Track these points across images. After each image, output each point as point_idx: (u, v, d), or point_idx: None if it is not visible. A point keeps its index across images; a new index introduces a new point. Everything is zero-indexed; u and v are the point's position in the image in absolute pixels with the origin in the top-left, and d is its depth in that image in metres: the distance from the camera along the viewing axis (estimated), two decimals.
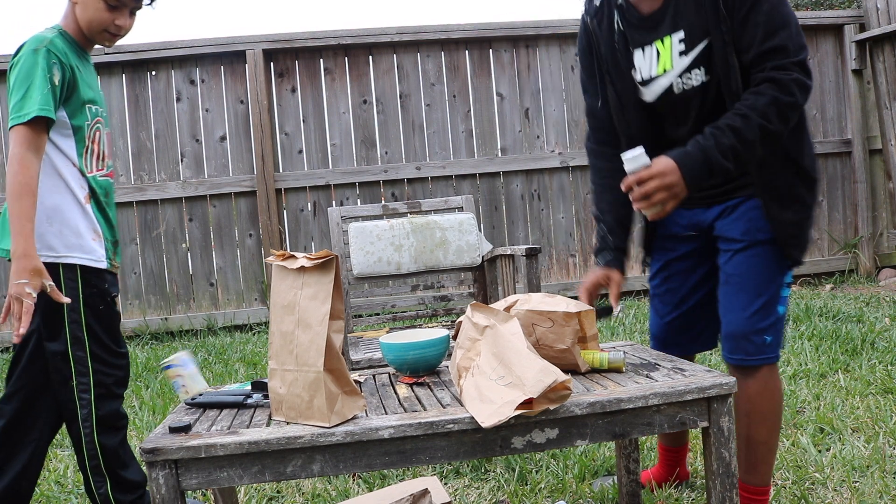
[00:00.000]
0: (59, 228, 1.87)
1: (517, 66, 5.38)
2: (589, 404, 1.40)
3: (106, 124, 2.02)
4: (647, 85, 1.76)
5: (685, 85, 1.70)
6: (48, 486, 2.42)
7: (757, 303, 1.71)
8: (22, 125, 1.77)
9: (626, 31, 1.76)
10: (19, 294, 1.72)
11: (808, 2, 9.22)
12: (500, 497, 2.14)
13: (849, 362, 3.22)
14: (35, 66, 1.78)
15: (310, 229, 5.20)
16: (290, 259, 1.46)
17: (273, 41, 5.07)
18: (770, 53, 1.57)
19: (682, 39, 1.66)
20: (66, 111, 1.87)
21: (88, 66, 1.99)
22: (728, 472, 1.48)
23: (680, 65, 1.68)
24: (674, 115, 1.77)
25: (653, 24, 1.70)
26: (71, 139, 1.89)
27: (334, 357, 1.40)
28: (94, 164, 1.95)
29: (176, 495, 1.34)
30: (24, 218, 1.75)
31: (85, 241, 1.90)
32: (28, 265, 1.73)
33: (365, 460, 1.38)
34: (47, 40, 1.82)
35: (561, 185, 5.39)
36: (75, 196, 1.89)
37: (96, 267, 1.91)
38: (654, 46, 1.71)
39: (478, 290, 3.14)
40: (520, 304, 1.67)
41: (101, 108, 2.01)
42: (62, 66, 1.82)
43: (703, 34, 1.63)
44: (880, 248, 5.67)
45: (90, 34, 1.93)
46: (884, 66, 5.47)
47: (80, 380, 1.89)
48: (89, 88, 1.94)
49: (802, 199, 1.70)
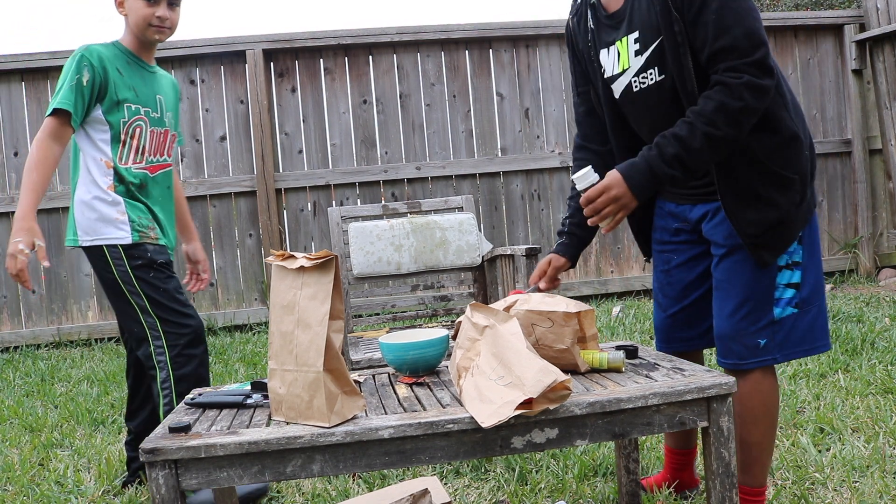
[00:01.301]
0: (92, 216, 2.18)
1: (517, 65, 5.38)
2: (589, 404, 1.40)
3: (155, 123, 2.27)
4: (612, 83, 1.79)
5: (642, 84, 1.70)
6: (48, 487, 2.42)
7: (744, 308, 1.70)
8: (48, 116, 2.12)
9: (596, 30, 1.79)
10: (13, 251, 2.03)
11: (808, 2, 9.23)
12: (500, 497, 2.14)
13: (849, 362, 3.22)
14: (68, 70, 2.13)
15: (310, 229, 5.20)
16: (290, 259, 1.46)
17: (273, 41, 5.07)
18: (721, 53, 1.54)
19: (636, 39, 1.67)
20: (102, 108, 2.15)
21: (141, 70, 2.26)
22: (728, 472, 1.48)
23: (636, 64, 1.69)
24: (635, 114, 1.79)
25: (616, 24, 1.72)
26: (107, 133, 2.17)
27: (334, 357, 1.40)
28: (131, 158, 2.21)
29: (176, 495, 1.34)
30: (28, 189, 2.08)
31: (110, 224, 2.18)
32: (23, 226, 2.06)
33: (365, 460, 1.38)
34: (85, 48, 2.14)
35: (561, 185, 5.39)
36: (100, 187, 2.18)
37: (129, 243, 2.17)
38: (616, 46, 1.73)
39: (478, 290, 3.14)
40: (519, 304, 1.67)
41: (150, 108, 2.25)
42: (93, 67, 2.11)
43: (656, 35, 1.63)
44: (880, 248, 5.67)
45: (141, 34, 2.20)
46: (884, 66, 5.47)
47: (156, 343, 2.18)
48: (129, 90, 2.19)
49: (771, 199, 1.64)
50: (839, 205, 5.70)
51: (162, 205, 2.31)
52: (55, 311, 4.99)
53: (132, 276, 2.16)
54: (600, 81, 1.82)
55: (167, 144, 2.33)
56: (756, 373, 1.73)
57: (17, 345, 4.88)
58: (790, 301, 1.70)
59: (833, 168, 5.67)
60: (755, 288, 1.69)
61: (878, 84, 5.55)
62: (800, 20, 5.64)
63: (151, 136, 2.26)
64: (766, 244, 1.66)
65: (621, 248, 5.41)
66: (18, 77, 4.94)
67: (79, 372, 4.06)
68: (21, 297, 4.96)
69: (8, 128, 4.96)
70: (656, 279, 2.00)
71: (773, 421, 1.77)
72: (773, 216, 1.64)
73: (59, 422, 3.15)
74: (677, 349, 1.95)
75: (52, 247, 4.94)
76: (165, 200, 2.33)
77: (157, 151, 2.28)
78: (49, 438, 2.91)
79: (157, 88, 2.30)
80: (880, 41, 5.44)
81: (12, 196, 4.89)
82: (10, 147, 4.96)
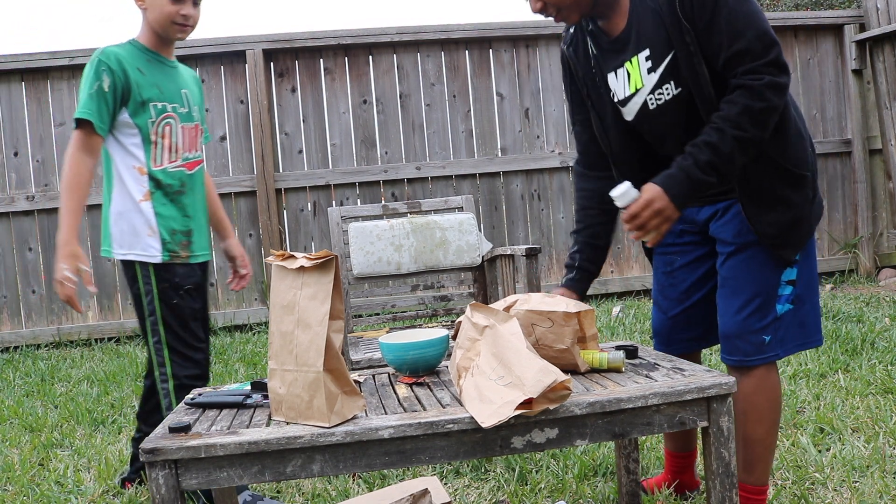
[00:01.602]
0: (123, 229, 2.14)
1: (517, 65, 5.38)
2: (589, 404, 1.40)
3: (185, 119, 2.22)
4: (625, 105, 1.79)
5: (658, 100, 1.72)
6: (48, 487, 2.42)
7: (751, 305, 1.72)
8: (74, 129, 2.08)
9: (599, 56, 1.80)
10: (60, 278, 1.99)
11: (808, 2, 9.23)
12: (500, 497, 2.14)
13: (849, 362, 3.22)
14: (87, 77, 2.07)
15: (310, 229, 5.20)
16: (290, 259, 1.46)
17: (273, 41, 5.07)
18: (737, 57, 1.57)
19: (647, 57, 1.68)
20: (128, 111, 2.10)
21: (162, 66, 2.20)
22: (728, 472, 1.48)
23: (650, 81, 1.70)
24: (653, 132, 1.79)
25: (621, 46, 1.73)
26: (136, 136, 2.12)
27: (334, 357, 1.40)
28: (166, 158, 2.16)
29: (176, 495, 1.34)
30: (67, 211, 2.04)
31: (141, 239, 2.13)
32: (66, 251, 2.00)
33: (365, 460, 1.38)
34: (101, 51, 2.08)
35: (561, 185, 5.39)
36: (132, 197, 2.13)
37: (159, 262, 2.14)
38: (625, 68, 1.74)
39: (478, 290, 3.14)
40: (519, 304, 1.67)
41: (177, 104, 2.20)
42: (112, 71, 2.06)
43: (667, 49, 1.65)
44: (880, 248, 5.67)
45: (162, 31, 2.14)
46: (884, 66, 5.47)
47: (161, 370, 2.14)
48: (153, 88, 2.13)
49: (787, 198, 1.68)
50: (839, 205, 5.70)
51: (200, 206, 2.28)
52: (55, 311, 4.99)
53: (155, 296, 2.13)
54: (608, 106, 1.83)
55: (198, 139, 2.29)
56: (760, 369, 1.74)
57: (17, 345, 4.88)
58: (788, 297, 1.74)
59: (833, 168, 5.67)
60: (763, 285, 1.72)
61: (878, 84, 5.55)
62: (800, 20, 5.64)
63: (183, 133, 2.21)
64: (786, 243, 1.70)
65: (621, 248, 5.41)
66: (18, 77, 4.94)
67: (79, 372, 4.06)
68: (21, 297, 4.97)
69: (8, 128, 4.96)
70: (657, 281, 2.00)
71: (777, 417, 1.78)
72: (789, 215, 1.68)
73: (59, 422, 3.15)
74: (677, 351, 1.95)
75: (51, 247, 4.94)
76: (202, 200, 2.30)
77: (190, 147, 2.24)
78: (49, 438, 2.91)
79: (181, 83, 2.25)
80: (880, 41, 5.44)
81: (12, 196, 4.89)
82: (10, 147, 4.96)
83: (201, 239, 2.27)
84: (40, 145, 4.97)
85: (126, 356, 4.35)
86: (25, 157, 4.96)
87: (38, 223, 4.96)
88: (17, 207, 4.91)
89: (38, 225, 4.96)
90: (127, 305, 5.03)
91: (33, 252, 4.97)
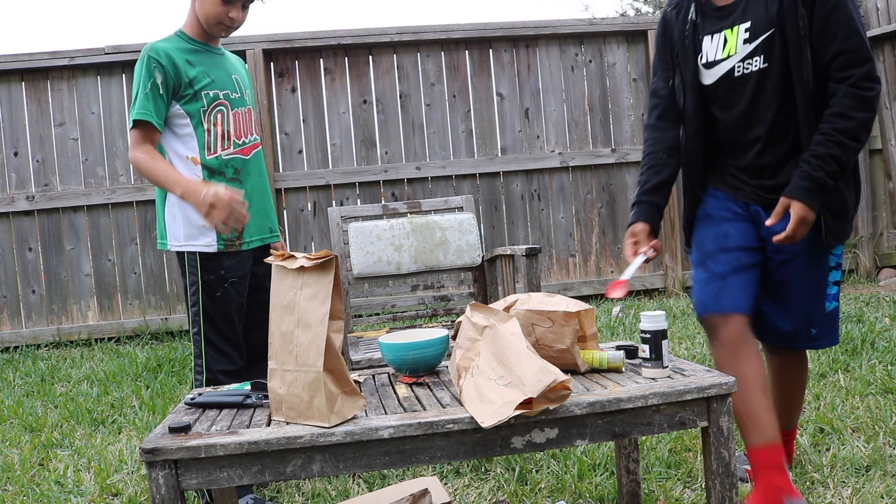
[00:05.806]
0: (178, 221, 2.14)
1: (517, 66, 5.38)
2: (588, 404, 1.40)
3: (237, 104, 2.22)
4: (711, 67, 1.96)
5: (745, 69, 1.90)
6: (48, 487, 2.42)
7: (805, 308, 1.94)
8: (131, 129, 2.11)
9: (700, 21, 2.00)
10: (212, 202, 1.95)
11: None
12: (500, 497, 2.14)
13: (849, 362, 3.22)
14: (139, 75, 2.10)
15: (310, 229, 5.20)
16: (290, 259, 1.46)
17: (273, 41, 5.07)
18: (846, 54, 1.77)
19: (747, 29, 1.88)
20: (180, 103, 2.13)
21: (212, 55, 2.23)
22: (728, 471, 1.48)
23: (743, 50, 1.89)
24: (727, 98, 1.96)
25: (725, 15, 1.93)
26: (188, 127, 2.14)
27: (334, 357, 1.40)
28: (220, 145, 2.17)
29: (176, 495, 1.34)
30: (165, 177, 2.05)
31: (196, 230, 2.14)
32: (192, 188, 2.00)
33: (365, 460, 1.38)
34: (150, 47, 2.10)
35: (561, 185, 5.39)
36: None
37: (210, 252, 2.14)
38: (723, 33, 1.93)
39: (478, 290, 3.14)
40: (519, 303, 1.67)
41: (229, 90, 2.22)
42: (162, 67, 2.08)
43: (768, 27, 1.85)
44: (880, 248, 5.67)
45: (207, 27, 2.18)
46: (884, 66, 5.47)
47: (197, 361, 2.15)
48: (205, 76, 2.16)
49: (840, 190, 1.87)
50: None
51: (258, 190, 2.26)
52: (55, 311, 4.99)
53: (199, 288, 2.14)
54: (691, 66, 2.00)
55: (253, 123, 2.29)
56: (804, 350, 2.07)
57: (17, 345, 4.88)
58: (835, 296, 1.98)
59: None
60: (815, 288, 1.94)
61: None
62: None
63: (235, 119, 2.21)
64: (833, 230, 1.88)
65: (621, 249, 5.41)
66: (18, 77, 4.94)
67: (79, 372, 4.06)
68: (21, 297, 4.97)
69: (8, 128, 4.96)
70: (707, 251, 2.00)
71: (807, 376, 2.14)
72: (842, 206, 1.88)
73: (59, 422, 3.15)
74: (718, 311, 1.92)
75: (51, 247, 4.94)
76: (261, 183, 2.28)
77: (246, 132, 2.24)
78: (49, 438, 2.91)
79: (231, 69, 2.27)
80: (880, 41, 5.44)
81: (12, 196, 4.89)
82: (10, 147, 4.96)
83: (256, 224, 2.24)
84: (40, 145, 4.97)
85: (126, 356, 4.35)
86: (25, 157, 4.96)
87: (38, 223, 4.96)
88: (17, 207, 4.91)
89: (38, 225, 4.96)
90: (127, 306, 5.03)
91: (33, 252, 4.97)
